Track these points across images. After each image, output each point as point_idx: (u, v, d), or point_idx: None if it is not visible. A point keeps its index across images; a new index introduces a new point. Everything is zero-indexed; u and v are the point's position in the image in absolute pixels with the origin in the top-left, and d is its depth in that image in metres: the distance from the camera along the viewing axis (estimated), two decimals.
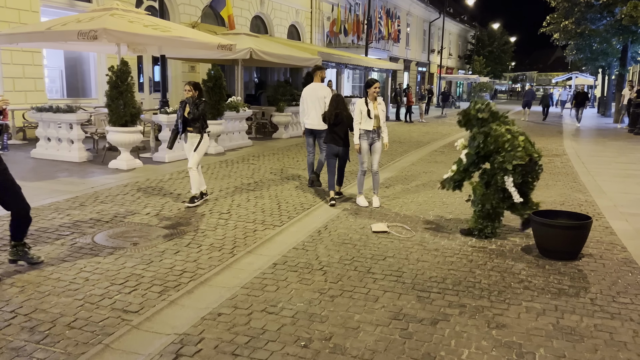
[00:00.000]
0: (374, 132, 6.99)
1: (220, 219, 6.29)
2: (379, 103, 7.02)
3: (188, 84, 6.80)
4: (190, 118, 6.67)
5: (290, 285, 4.37)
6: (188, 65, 17.52)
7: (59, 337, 3.40)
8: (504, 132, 5.46)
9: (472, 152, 5.65)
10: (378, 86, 6.94)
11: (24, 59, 12.50)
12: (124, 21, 9.29)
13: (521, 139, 5.45)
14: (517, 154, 5.30)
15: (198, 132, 6.79)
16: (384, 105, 7.13)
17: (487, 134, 5.51)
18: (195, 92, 6.72)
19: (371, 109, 6.92)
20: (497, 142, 5.44)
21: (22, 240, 4.58)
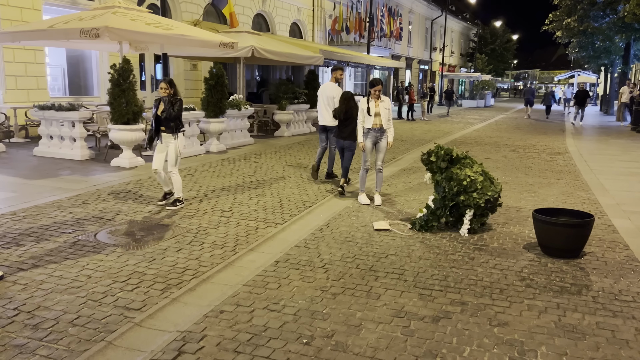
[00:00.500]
0: (376, 130, 6.98)
1: (223, 217, 6.30)
2: (382, 101, 6.98)
3: (163, 81, 6.50)
4: (164, 117, 6.37)
5: (292, 283, 4.38)
6: (190, 63, 17.53)
7: (61, 334, 3.42)
8: (464, 177, 5.75)
9: (439, 197, 5.96)
10: (380, 89, 6.93)
11: (27, 57, 12.53)
12: (126, 19, 9.30)
13: (480, 180, 5.77)
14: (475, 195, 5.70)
15: (172, 132, 6.49)
16: (388, 103, 7.05)
17: (450, 178, 5.84)
18: (170, 90, 6.45)
19: (371, 106, 6.92)
20: (460, 185, 5.75)
21: None
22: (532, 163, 11.20)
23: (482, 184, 5.76)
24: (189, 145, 10.67)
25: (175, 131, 6.51)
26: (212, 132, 11.24)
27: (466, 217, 5.82)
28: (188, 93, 17.35)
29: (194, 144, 10.87)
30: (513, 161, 11.48)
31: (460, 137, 16.79)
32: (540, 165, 11.01)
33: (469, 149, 12.98)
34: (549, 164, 11.14)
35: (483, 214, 5.93)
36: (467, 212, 5.80)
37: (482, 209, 5.80)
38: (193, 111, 10.52)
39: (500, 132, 18.33)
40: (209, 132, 11.27)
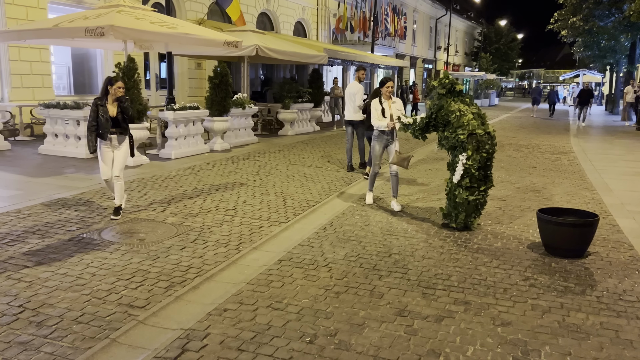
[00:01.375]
0: (388, 133, 6.77)
1: (226, 215, 6.31)
2: (394, 102, 6.81)
3: (121, 80, 6.23)
4: (122, 119, 6.00)
5: (296, 281, 4.38)
6: (194, 62, 17.55)
7: (66, 331, 3.43)
8: (454, 109, 5.81)
9: (425, 119, 6.08)
10: (391, 85, 6.78)
11: (32, 55, 12.57)
12: (131, 18, 9.31)
13: (469, 117, 5.76)
14: (459, 130, 5.72)
15: (124, 133, 6.13)
16: (400, 104, 6.87)
17: (441, 106, 5.90)
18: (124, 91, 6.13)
19: (386, 107, 6.73)
20: (447, 116, 5.84)
21: None
22: (536, 162, 11.17)
23: (469, 121, 5.71)
24: (193, 144, 10.69)
25: (126, 132, 6.14)
26: (216, 130, 11.25)
27: (460, 162, 5.72)
28: (192, 92, 17.38)
29: (198, 142, 10.89)
30: (517, 160, 11.44)
31: None
32: (545, 164, 10.98)
33: None
34: (553, 164, 11.10)
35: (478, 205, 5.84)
36: (461, 156, 5.72)
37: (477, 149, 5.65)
38: (197, 110, 10.54)
39: (505, 132, 18.27)
40: (213, 130, 11.29)
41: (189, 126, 10.47)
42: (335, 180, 8.72)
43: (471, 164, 5.66)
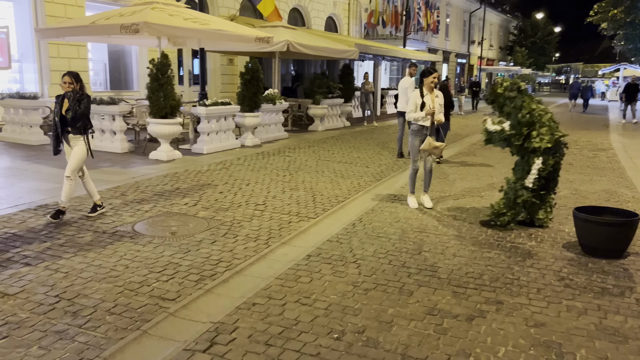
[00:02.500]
0: (427, 129, 6.43)
1: (256, 210, 6.35)
2: (437, 96, 6.46)
3: (67, 74, 5.58)
4: (70, 117, 5.52)
5: (324, 277, 4.37)
6: (226, 58, 17.71)
7: (99, 321, 3.52)
8: (535, 108, 5.65)
9: (515, 122, 5.71)
10: (437, 76, 6.45)
11: (70, 52, 12.92)
12: (165, 14, 9.46)
13: (549, 117, 5.64)
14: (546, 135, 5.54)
15: (79, 132, 5.66)
16: (442, 99, 6.58)
17: (520, 106, 5.67)
18: (76, 85, 5.56)
19: (427, 101, 6.35)
20: (531, 115, 5.60)
21: None
22: (573, 159, 10.84)
23: (549, 123, 5.58)
24: (225, 139, 10.80)
25: (83, 132, 5.68)
26: (247, 126, 11.34)
27: (534, 167, 5.55)
28: (224, 88, 17.56)
29: (229, 137, 10.99)
30: None
31: None
32: (582, 161, 10.65)
33: None
34: (591, 161, 10.76)
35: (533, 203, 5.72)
36: (537, 160, 5.54)
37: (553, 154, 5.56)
38: (229, 106, 10.64)
39: None
40: (244, 126, 11.38)
41: (220, 122, 10.58)
42: (365, 176, 8.67)
43: (545, 167, 5.57)
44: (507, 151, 6.16)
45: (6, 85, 11.72)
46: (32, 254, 4.65)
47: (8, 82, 12.18)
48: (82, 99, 5.56)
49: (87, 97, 5.65)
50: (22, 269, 4.30)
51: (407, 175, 7.26)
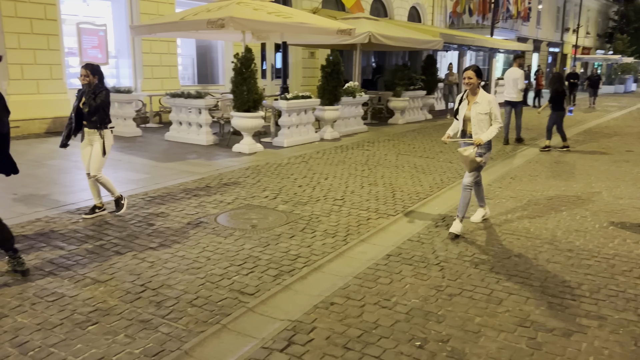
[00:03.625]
0: (469, 137, 5.23)
1: (335, 205, 6.26)
2: (477, 102, 5.11)
3: (84, 67, 5.34)
4: (86, 110, 5.32)
5: (405, 279, 4.19)
6: (308, 51, 17.80)
7: (182, 313, 3.58)
8: None
9: None
10: (470, 76, 5.08)
11: (161, 48, 13.54)
12: (249, 9, 9.60)
13: None
14: None
15: (95, 127, 5.45)
16: (486, 106, 5.08)
17: None
18: (94, 78, 5.36)
19: (462, 107, 5.24)
20: None
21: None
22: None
23: None
24: (305, 133, 10.83)
25: (100, 126, 5.46)
26: (327, 119, 11.29)
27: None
28: (305, 81, 17.66)
29: (309, 131, 11.00)
30: None
31: (595, 127, 15.20)
32: None
33: (606, 141, 11.68)
34: None
35: None
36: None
37: None
38: (309, 99, 10.64)
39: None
40: (323, 119, 11.33)
41: (301, 115, 10.61)
42: (448, 172, 8.30)
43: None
44: (612, 146, 5.58)
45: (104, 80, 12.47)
46: (122, 242, 4.86)
47: (105, 77, 12.94)
48: (99, 92, 5.34)
49: (105, 91, 5.41)
50: (113, 257, 4.50)
51: (496, 170, 6.84)
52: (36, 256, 4.45)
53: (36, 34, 10.92)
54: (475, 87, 5.11)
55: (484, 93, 5.12)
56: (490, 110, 5.08)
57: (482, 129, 5.10)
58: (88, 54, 12.39)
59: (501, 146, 10.77)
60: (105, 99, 5.38)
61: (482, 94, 5.12)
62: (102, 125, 5.47)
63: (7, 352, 3.04)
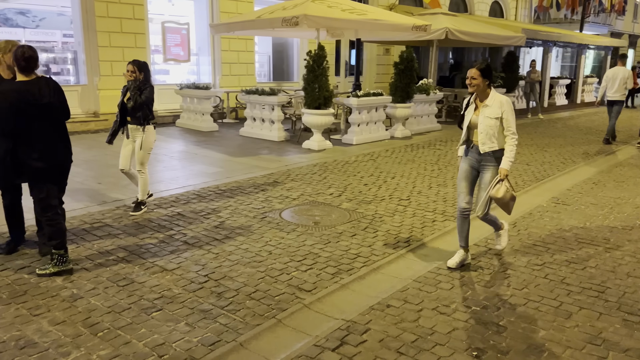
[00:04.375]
0: (476, 151, 4.28)
1: (400, 205, 6.16)
2: (486, 105, 4.16)
3: (131, 63, 5.48)
4: (130, 106, 5.44)
5: (467, 285, 4.04)
6: (383, 48, 17.63)
7: (240, 305, 3.68)
8: None
9: None
10: (474, 75, 4.13)
11: (239, 46, 13.96)
12: (324, 6, 9.66)
13: None
14: None
15: (139, 123, 5.56)
16: (497, 109, 4.12)
17: None
18: (139, 74, 5.47)
19: (468, 114, 4.32)
20: None
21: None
22: None
23: None
24: (375, 131, 10.74)
25: (143, 122, 5.58)
26: (398, 117, 11.13)
27: None
28: (380, 78, 17.51)
29: (379, 129, 10.90)
30: None
31: None
32: None
33: None
34: None
35: None
36: None
37: None
38: (380, 96, 10.54)
39: None
40: (394, 117, 11.18)
41: (371, 112, 10.53)
42: (524, 174, 7.91)
43: None
44: None
45: (185, 77, 13.07)
46: (190, 233, 5.08)
47: (187, 73, 13.58)
48: (144, 88, 5.46)
49: (150, 87, 5.52)
50: (181, 247, 4.71)
51: (577, 174, 6.40)
52: (112, 242, 4.75)
53: (125, 33, 11.63)
54: (482, 89, 4.18)
55: (496, 94, 4.21)
56: (502, 115, 4.12)
57: (490, 139, 4.13)
58: (171, 52, 13.07)
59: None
60: (150, 95, 5.50)
61: (493, 95, 4.20)
62: (145, 122, 5.59)
63: (79, 332, 3.28)
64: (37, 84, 3.94)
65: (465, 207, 4.34)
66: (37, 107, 3.91)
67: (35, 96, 3.90)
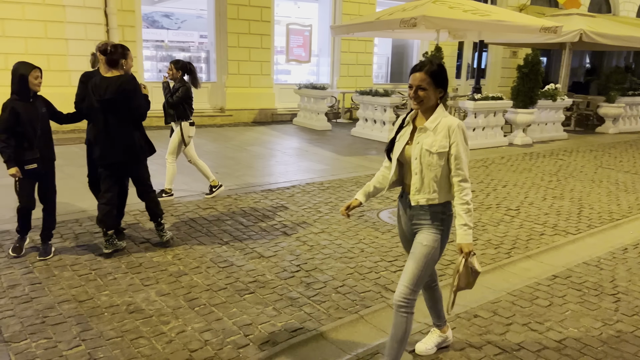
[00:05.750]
0: (406, 199, 2.86)
1: (506, 215, 5.86)
2: (429, 129, 2.67)
3: (171, 62, 5.79)
4: (165, 104, 5.80)
5: (567, 304, 3.76)
6: (509, 50, 16.76)
7: (326, 297, 3.79)
8: None
9: None
10: (421, 83, 2.63)
11: (358, 47, 14.16)
12: (445, 7, 9.46)
13: None
14: None
15: (173, 120, 5.85)
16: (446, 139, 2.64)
17: None
18: (177, 73, 5.71)
19: (401, 140, 2.81)
20: None
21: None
22: None
23: None
24: (491, 136, 10.28)
25: (178, 119, 5.84)
26: (519, 123, 10.52)
27: None
28: (504, 82, 16.67)
29: (497, 134, 10.40)
30: None
31: None
32: None
33: None
34: None
35: None
36: None
37: None
38: (500, 100, 10.06)
39: None
40: (514, 123, 10.60)
41: (489, 117, 10.10)
42: None
43: None
44: None
45: (305, 77, 13.58)
46: (290, 224, 5.32)
47: (307, 74, 14.10)
48: (179, 87, 5.72)
49: (184, 87, 5.72)
50: (279, 237, 4.96)
51: None
52: (219, 227, 5.15)
53: (252, 34, 12.39)
54: (431, 105, 2.68)
55: (444, 114, 2.68)
56: (449, 149, 2.64)
57: (430, 185, 2.69)
58: (293, 52, 13.65)
59: None
60: (183, 95, 5.71)
61: (439, 116, 2.67)
62: (180, 119, 5.84)
63: (179, 304, 3.62)
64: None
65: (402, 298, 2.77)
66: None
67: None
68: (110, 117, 4.26)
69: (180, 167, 6.24)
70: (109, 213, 4.37)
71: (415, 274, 2.72)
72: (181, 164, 6.28)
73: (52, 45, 9.83)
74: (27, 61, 4.14)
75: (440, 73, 2.68)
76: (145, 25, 11.94)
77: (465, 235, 2.71)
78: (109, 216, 4.38)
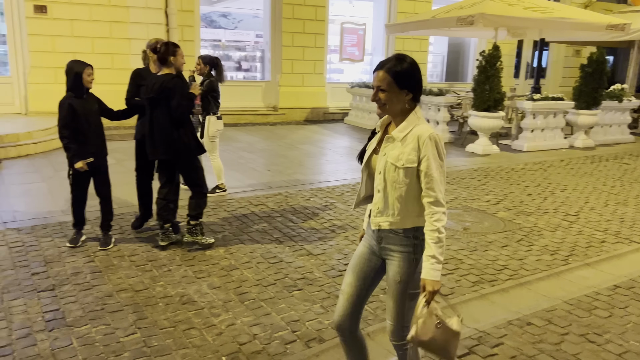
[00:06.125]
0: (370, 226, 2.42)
1: (564, 221, 5.63)
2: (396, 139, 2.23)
3: (199, 57, 5.83)
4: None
5: (629, 316, 3.57)
6: (573, 49, 16.07)
7: (374, 297, 3.73)
8: None
9: None
10: (380, 83, 2.21)
11: (413, 46, 13.96)
12: (504, 5, 9.20)
13: None
14: None
15: (199, 113, 5.86)
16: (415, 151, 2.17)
17: None
18: (204, 67, 5.71)
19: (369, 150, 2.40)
20: None
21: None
22: None
23: None
24: (551, 138, 9.89)
25: (204, 113, 5.83)
26: (580, 125, 10.07)
27: None
28: (565, 82, 15.99)
29: (556, 136, 10.00)
30: None
31: None
32: None
33: None
34: None
35: None
36: None
37: None
38: (560, 101, 9.67)
39: None
40: (576, 125, 10.15)
41: (548, 118, 9.73)
42: None
43: None
44: None
45: (358, 76, 13.55)
46: (339, 223, 5.33)
47: (360, 73, 14.05)
48: (204, 81, 5.74)
49: (209, 81, 5.72)
50: (328, 235, 4.98)
51: None
52: (269, 223, 5.23)
53: (306, 33, 12.49)
54: (397, 109, 2.25)
55: (418, 121, 2.24)
56: (419, 164, 2.20)
57: (394, 206, 2.25)
58: (347, 51, 13.65)
59: None
60: (208, 88, 5.70)
61: (410, 124, 2.23)
62: (206, 112, 5.84)
63: (230, 298, 3.71)
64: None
65: (340, 322, 2.44)
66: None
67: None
68: (155, 114, 4.38)
69: (230, 163, 6.38)
70: (165, 207, 4.53)
71: (399, 312, 2.37)
72: (230, 160, 6.41)
73: (116, 44, 10.29)
74: (80, 59, 4.37)
75: (404, 72, 2.20)
76: (203, 25, 12.27)
77: (432, 270, 2.16)
78: (165, 210, 4.53)
